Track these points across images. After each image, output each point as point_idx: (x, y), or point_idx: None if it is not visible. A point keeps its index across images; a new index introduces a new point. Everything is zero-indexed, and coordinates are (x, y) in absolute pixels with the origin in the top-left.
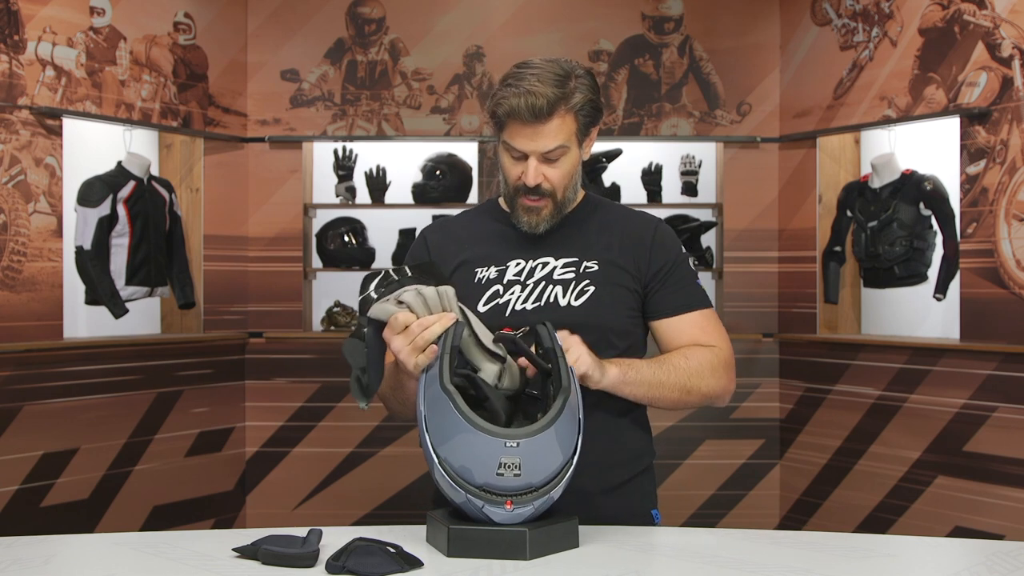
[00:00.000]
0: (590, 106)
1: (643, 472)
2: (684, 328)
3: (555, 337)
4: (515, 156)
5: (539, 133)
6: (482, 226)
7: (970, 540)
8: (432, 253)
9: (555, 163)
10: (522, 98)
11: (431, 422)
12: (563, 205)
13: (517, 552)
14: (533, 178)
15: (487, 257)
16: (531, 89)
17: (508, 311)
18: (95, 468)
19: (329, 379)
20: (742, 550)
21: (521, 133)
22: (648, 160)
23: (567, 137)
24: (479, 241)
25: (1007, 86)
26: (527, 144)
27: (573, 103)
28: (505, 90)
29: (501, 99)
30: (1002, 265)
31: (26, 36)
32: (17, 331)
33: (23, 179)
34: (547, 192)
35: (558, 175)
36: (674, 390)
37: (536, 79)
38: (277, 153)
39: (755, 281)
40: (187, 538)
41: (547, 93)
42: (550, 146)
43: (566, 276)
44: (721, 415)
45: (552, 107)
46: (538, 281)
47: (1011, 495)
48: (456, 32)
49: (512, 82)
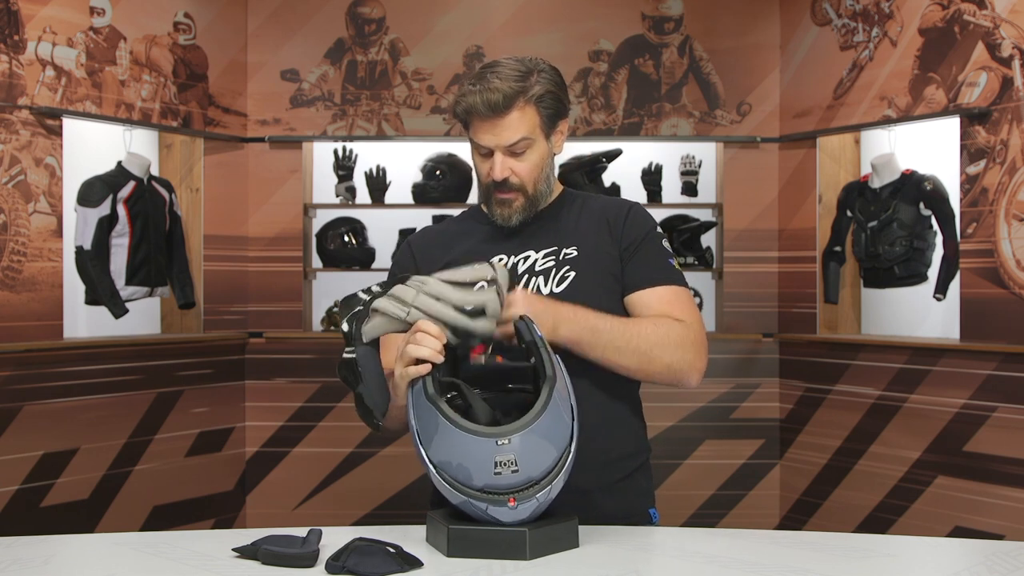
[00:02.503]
0: (551, 97)
1: (639, 468)
2: (651, 303)
3: (535, 330)
4: (482, 153)
5: (499, 127)
6: (466, 228)
7: (970, 540)
8: (417, 258)
9: (521, 156)
10: (479, 95)
11: (423, 433)
12: (536, 198)
13: (517, 552)
14: (500, 172)
15: (471, 256)
16: (488, 86)
17: None
18: (95, 468)
19: (329, 379)
20: (742, 550)
21: (483, 128)
22: (648, 160)
23: (529, 129)
24: (463, 242)
25: (1007, 86)
26: (490, 139)
27: (532, 94)
28: (465, 88)
29: (460, 98)
30: (1002, 265)
31: (26, 36)
32: (17, 331)
33: (23, 179)
34: (516, 186)
35: (526, 168)
36: (634, 355)
37: (496, 76)
38: (277, 153)
39: (755, 281)
40: (187, 538)
41: (503, 88)
42: (512, 139)
43: (547, 265)
44: (721, 415)
45: (509, 100)
46: (522, 275)
47: (1011, 495)
48: (456, 32)
49: (474, 81)
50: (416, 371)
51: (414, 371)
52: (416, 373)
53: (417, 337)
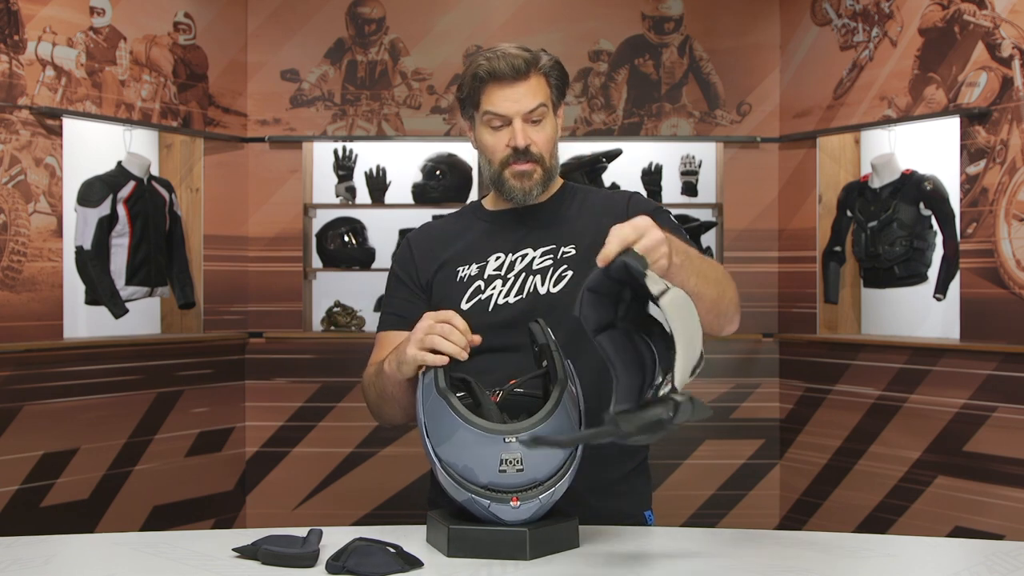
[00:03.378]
0: (558, 71)
1: (636, 469)
2: None
3: (548, 332)
4: (496, 126)
5: (518, 91)
6: (464, 226)
7: (970, 540)
8: (416, 257)
9: (538, 125)
10: (500, 60)
11: (431, 427)
12: (550, 173)
13: (517, 552)
14: (523, 138)
15: (467, 255)
16: (506, 52)
17: (491, 306)
18: (95, 468)
19: (329, 379)
20: (742, 550)
21: (502, 96)
22: (648, 160)
23: (545, 97)
24: (460, 240)
25: (1007, 86)
26: (510, 106)
27: (542, 65)
28: (479, 58)
29: (478, 66)
30: (1002, 265)
31: (26, 36)
32: (17, 331)
33: (23, 179)
34: (536, 155)
35: (543, 138)
36: (714, 285)
37: (507, 48)
38: (277, 153)
39: (755, 281)
40: (187, 538)
41: (521, 54)
42: (532, 104)
43: (544, 264)
44: (721, 415)
45: (528, 66)
46: (518, 273)
47: (1011, 495)
48: (456, 32)
49: (484, 53)
50: (433, 360)
51: (431, 359)
52: (433, 362)
53: (444, 329)
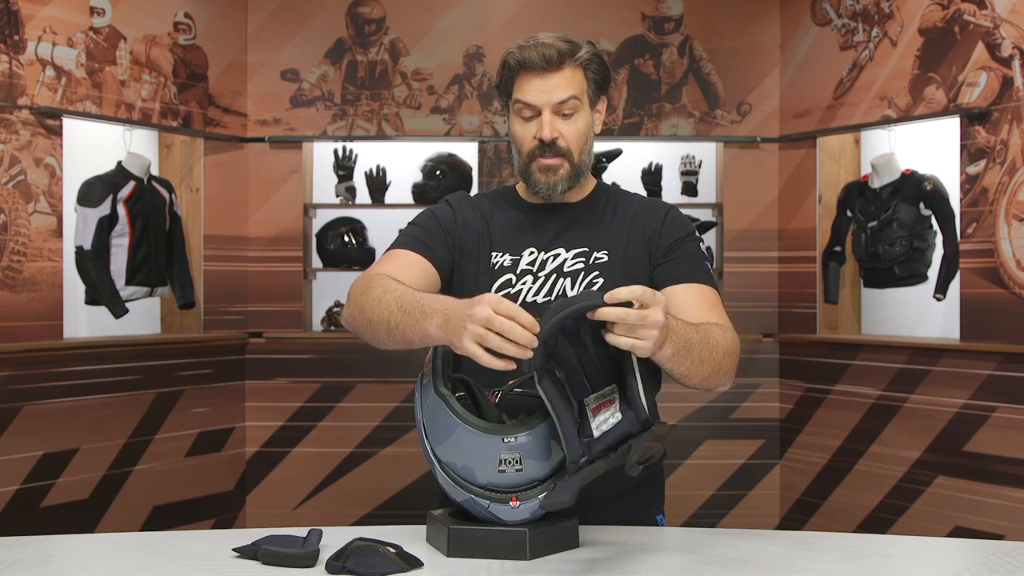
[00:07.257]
0: (597, 64)
1: (652, 476)
2: (690, 296)
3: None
4: (526, 117)
5: (550, 82)
6: (501, 209)
7: (970, 540)
8: (457, 217)
9: (569, 119)
10: (534, 50)
11: (430, 428)
12: (579, 169)
13: (517, 552)
14: (549, 131)
15: (503, 243)
16: (542, 42)
17: (519, 301)
18: (95, 468)
19: (329, 379)
20: (742, 550)
21: (532, 85)
22: (648, 160)
23: (578, 90)
24: (497, 224)
25: (1007, 86)
26: (539, 96)
27: (580, 57)
28: (514, 48)
29: (510, 54)
30: (1002, 265)
31: (26, 36)
32: (17, 331)
33: (23, 179)
34: (563, 149)
35: (572, 132)
36: (709, 366)
37: (545, 38)
38: (277, 153)
39: (755, 281)
40: (187, 538)
41: (556, 44)
42: (562, 96)
43: (576, 267)
44: (721, 415)
45: (562, 57)
46: (549, 273)
47: (1011, 495)
48: (456, 32)
49: (521, 43)
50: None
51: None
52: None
53: (506, 326)
